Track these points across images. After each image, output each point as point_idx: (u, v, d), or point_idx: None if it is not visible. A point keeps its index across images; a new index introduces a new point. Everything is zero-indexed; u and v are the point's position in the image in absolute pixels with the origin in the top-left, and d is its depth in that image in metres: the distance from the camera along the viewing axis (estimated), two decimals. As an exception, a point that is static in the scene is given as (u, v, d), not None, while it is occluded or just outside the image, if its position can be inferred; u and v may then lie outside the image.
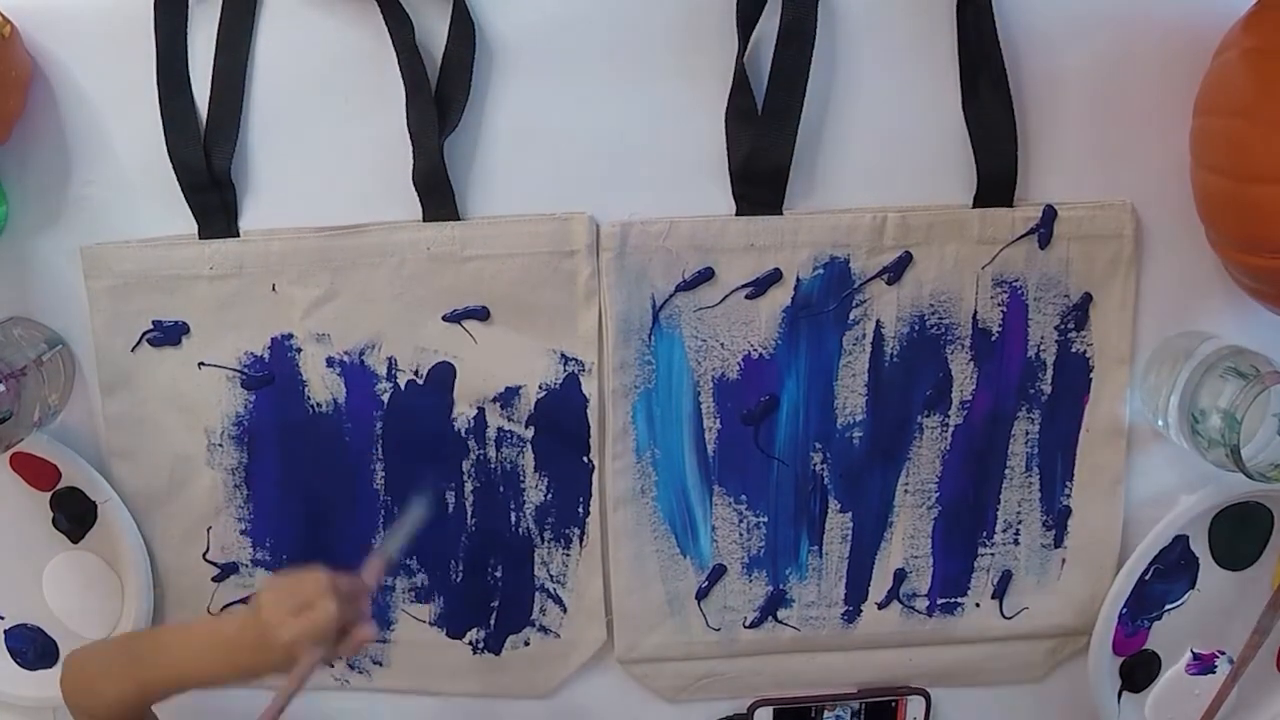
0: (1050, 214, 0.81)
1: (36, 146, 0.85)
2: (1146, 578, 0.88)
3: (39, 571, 0.93)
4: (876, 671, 0.92)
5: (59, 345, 0.88)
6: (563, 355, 0.84)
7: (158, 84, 0.83)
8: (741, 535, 0.88)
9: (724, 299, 0.83)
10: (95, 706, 0.78)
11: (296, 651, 0.73)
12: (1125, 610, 0.88)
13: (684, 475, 0.86)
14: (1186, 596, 0.90)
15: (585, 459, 0.86)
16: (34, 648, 0.95)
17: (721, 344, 0.84)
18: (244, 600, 0.92)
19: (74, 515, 0.91)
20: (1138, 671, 0.92)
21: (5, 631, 0.96)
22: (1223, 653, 0.92)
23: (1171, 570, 0.89)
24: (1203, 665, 0.92)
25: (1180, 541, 0.88)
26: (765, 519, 0.87)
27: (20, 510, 0.92)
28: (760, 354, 0.84)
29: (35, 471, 0.91)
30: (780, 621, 0.90)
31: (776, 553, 0.88)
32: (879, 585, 0.89)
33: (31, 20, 0.82)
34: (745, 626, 0.90)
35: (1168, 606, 0.90)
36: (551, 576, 0.89)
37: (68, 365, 0.88)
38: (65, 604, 0.94)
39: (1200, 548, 0.89)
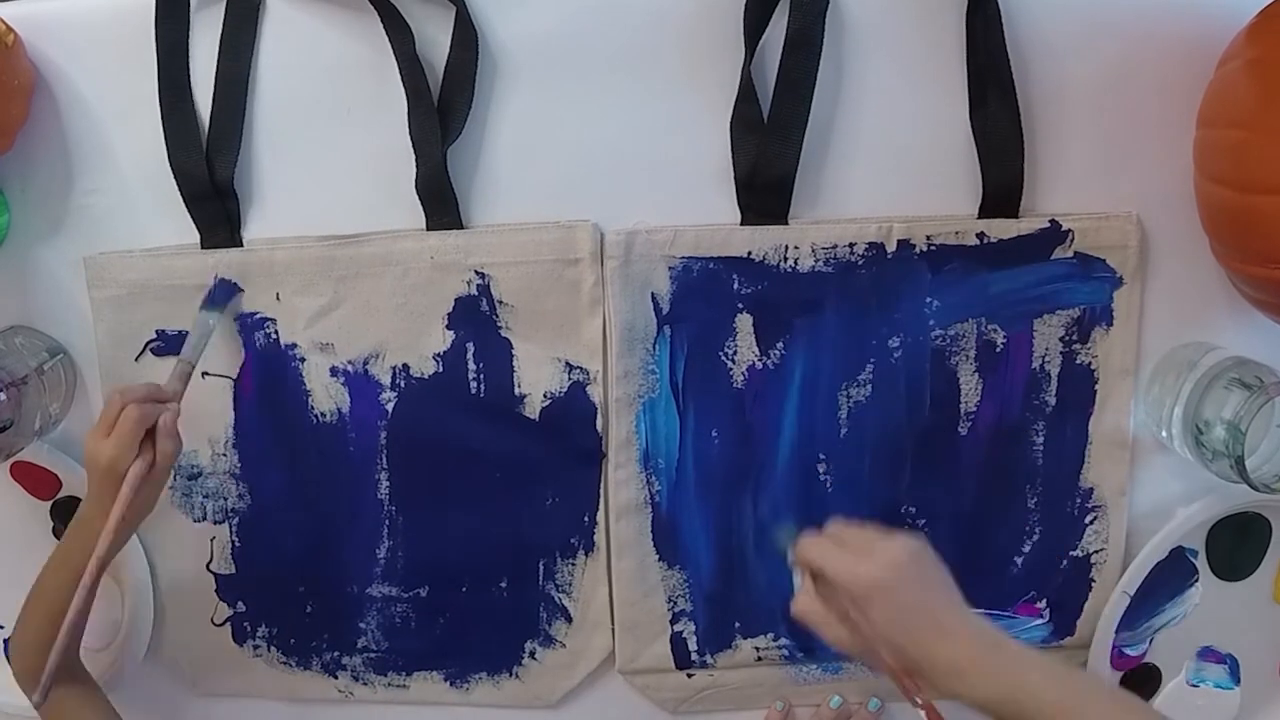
0: (1055, 225, 0.81)
1: (39, 155, 0.85)
2: (1145, 591, 0.88)
3: (39, 581, 0.93)
4: (877, 681, 0.92)
5: (60, 354, 0.88)
6: (567, 364, 0.84)
7: (159, 94, 0.83)
8: (745, 545, 0.87)
9: (728, 308, 0.82)
10: (27, 669, 0.81)
11: (119, 468, 0.75)
12: (1124, 624, 0.88)
13: (687, 484, 0.86)
14: (1185, 610, 0.89)
15: (591, 468, 0.86)
16: (33, 657, 0.95)
17: (725, 354, 0.83)
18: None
19: (74, 524, 0.91)
20: (1138, 685, 0.92)
21: (4, 641, 0.95)
22: (1226, 658, 0.91)
23: (1170, 583, 0.89)
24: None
25: (1178, 553, 0.88)
26: (768, 529, 0.87)
27: (20, 519, 0.92)
28: (764, 364, 0.84)
29: (36, 480, 0.90)
30: (783, 634, 0.90)
31: (779, 564, 0.88)
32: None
33: (35, 29, 0.83)
34: (747, 638, 0.90)
35: (1167, 620, 0.90)
36: (558, 587, 0.89)
37: (69, 374, 0.88)
38: (66, 614, 0.93)
39: (1199, 559, 0.89)
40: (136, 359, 0.87)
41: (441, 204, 0.83)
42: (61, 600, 0.77)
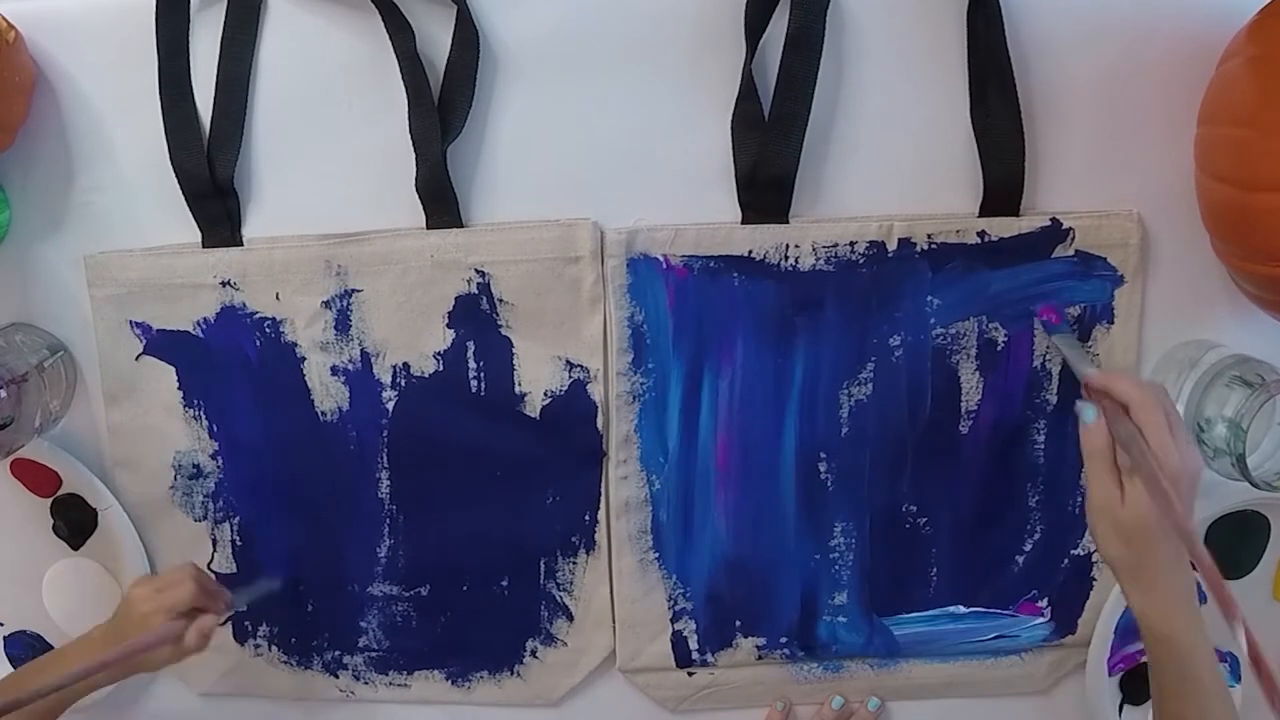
0: (1056, 224, 0.81)
1: (40, 152, 0.85)
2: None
3: (39, 578, 0.93)
4: (878, 681, 0.92)
5: (60, 351, 0.88)
6: (567, 362, 0.84)
7: (160, 93, 0.83)
8: (746, 543, 0.87)
9: (729, 307, 0.82)
10: None
11: (150, 624, 0.78)
12: (1123, 623, 0.88)
13: (688, 482, 0.86)
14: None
15: (592, 466, 0.86)
16: (33, 655, 0.95)
17: (726, 351, 0.83)
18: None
19: (74, 522, 0.91)
20: (1138, 685, 0.92)
21: (4, 638, 0.95)
22: (1226, 656, 0.91)
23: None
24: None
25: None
26: (769, 527, 0.87)
27: (20, 517, 0.92)
28: (765, 362, 0.83)
29: (36, 478, 0.90)
30: (783, 631, 0.90)
31: (780, 562, 0.88)
32: (882, 595, 0.89)
33: (35, 26, 0.83)
34: (748, 636, 0.90)
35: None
36: (559, 585, 0.89)
37: (69, 371, 0.88)
38: (65, 611, 0.94)
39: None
40: (136, 358, 0.87)
41: (442, 202, 0.83)
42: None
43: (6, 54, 0.78)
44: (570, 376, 0.85)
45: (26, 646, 0.95)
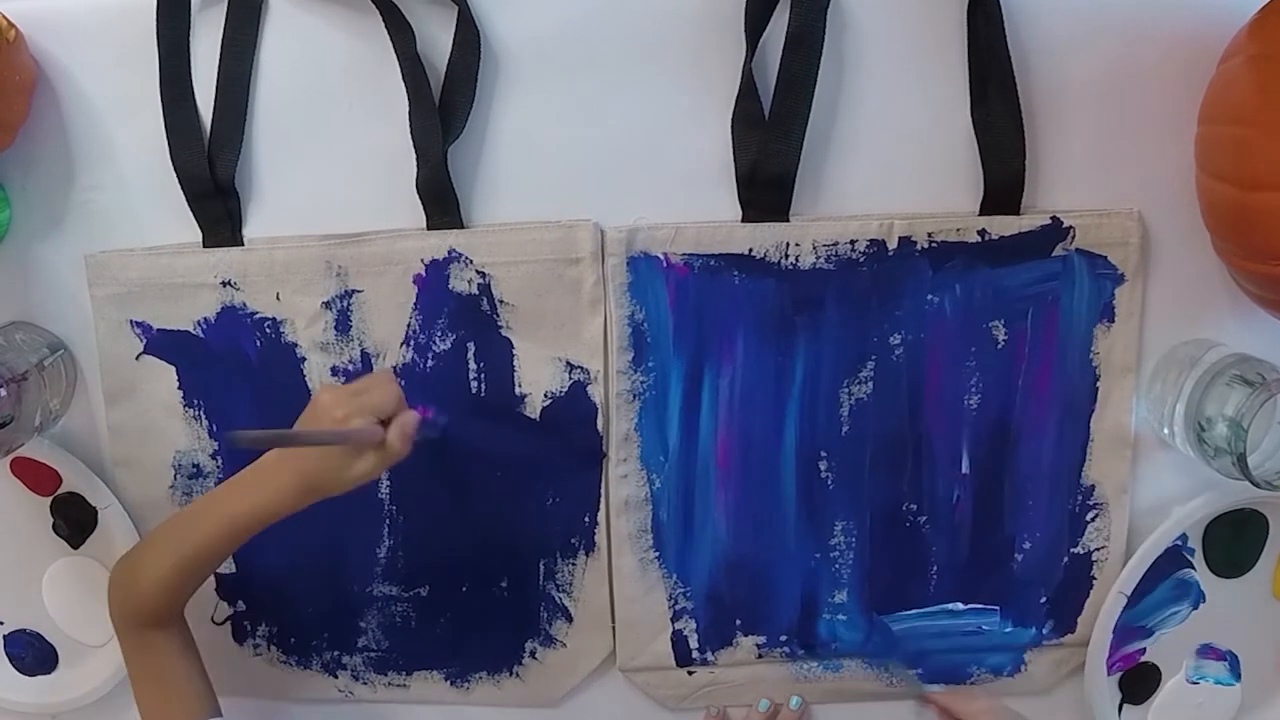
0: (1057, 222, 0.81)
1: (40, 151, 0.85)
2: (1142, 590, 0.88)
3: (39, 577, 0.93)
4: (880, 680, 0.92)
5: (61, 350, 0.88)
6: (568, 363, 0.84)
7: (161, 93, 0.83)
8: (746, 542, 0.87)
9: (730, 305, 0.82)
10: (131, 600, 0.79)
11: (351, 423, 0.71)
12: (1122, 622, 0.88)
13: (688, 481, 0.86)
14: (1184, 607, 0.89)
15: (592, 468, 0.86)
16: (33, 653, 0.95)
17: (727, 350, 0.83)
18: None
19: (74, 521, 0.91)
20: (1138, 684, 0.92)
21: (4, 637, 0.95)
22: (1226, 655, 0.91)
23: (1167, 581, 0.89)
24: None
25: (1175, 551, 0.87)
26: (769, 526, 0.87)
27: (20, 515, 0.92)
28: (765, 361, 0.83)
29: (36, 476, 0.90)
30: (783, 630, 0.90)
31: (780, 561, 0.88)
32: (882, 593, 0.89)
33: (36, 25, 0.83)
34: (747, 635, 0.90)
35: (1167, 617, 0.90)
36: (558, 586, 0.89)
37: (69, 370, 0.88)
38: (65, 610, 0.94)
39: (1195, 556, 0.88)
40: (137, 358, 0.87)
41: (442, 203, 0.83)
42: (201, 535, 0.75)
43: (7, 53, 0.78)
44: (570, 378, 0.84)
45: (26, 645, 0.95)
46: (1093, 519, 0.87)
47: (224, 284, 0.85)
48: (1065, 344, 0.83)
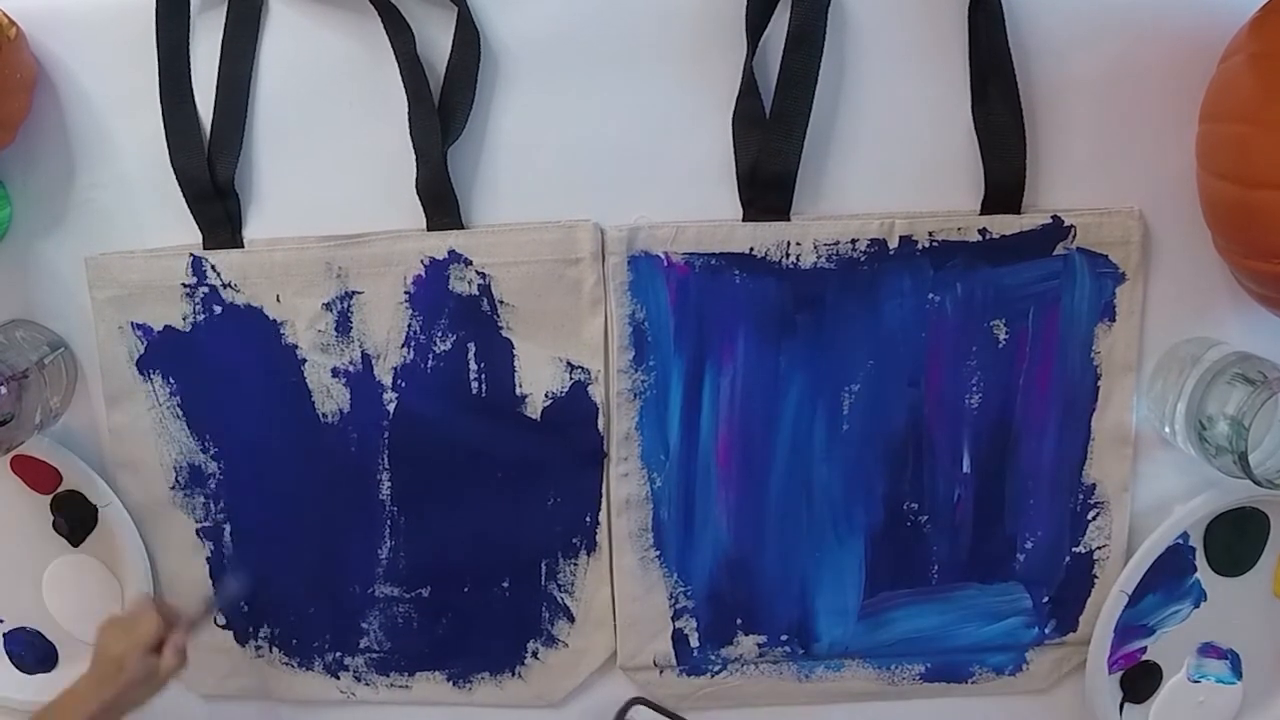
0: (1057, 221, 0.81)
1: (41, 150, 0.85)
2: (1143, 589, 0.88)
3: (39, 575, 0.93)
4: (880, 680, 0.92)
5: (61, 348, 0.88)
6: (568, 364, 0.84)
7: (160, 95, 0.83)
8: (747, 541, 0.87)
9: (731, 304, 0.82)
10: None
11: (126, 664, 0.80)
12: (1123, 621, 0.88)
13: (689, 480, 0.86)
14: (1185, 605, 0.89)
15: (593, 468, 0.86)
16: (33, 651, 0.95)
17: (728, 349, 0.83)
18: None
19: (74, 519, 0.91)
20: (1139, 682, 0.92)
21: (4, 635, 0.95)
22: (1227, 653, 0.91)
23: (1168, 579, 0.89)
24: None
25: (1176, 550, 0.87)
26: (770, 525, 0.87)
27: (20, 513, 0.92)
28: (766, 360, 0.83)
29: (36, 474, 0.90)
30: (784, 629, 0.90)
31: (781, 560, 0.88)
32: (882, 592, 0.89)
33: (37, 23, 0.83)
34: (749, 634, 0.90)
35: (1168, 615, 0.90)
36: (560, 587, 0.89)
37: (70, 368, 0.88)
38: (65, 608, 0.94)
39: (1197, 555, 0.88)
40: (137, 360, 0.87)
41: (442, 204, 0.83)
42: None
43: (8, 51, 0.78)
44: (571, 378, 0.84)
45: (26, 643, 0.95)
46: (1094, 518, 0.87)
47: (224, 286, 0.85)
48: (1066, 343, 0.83)
